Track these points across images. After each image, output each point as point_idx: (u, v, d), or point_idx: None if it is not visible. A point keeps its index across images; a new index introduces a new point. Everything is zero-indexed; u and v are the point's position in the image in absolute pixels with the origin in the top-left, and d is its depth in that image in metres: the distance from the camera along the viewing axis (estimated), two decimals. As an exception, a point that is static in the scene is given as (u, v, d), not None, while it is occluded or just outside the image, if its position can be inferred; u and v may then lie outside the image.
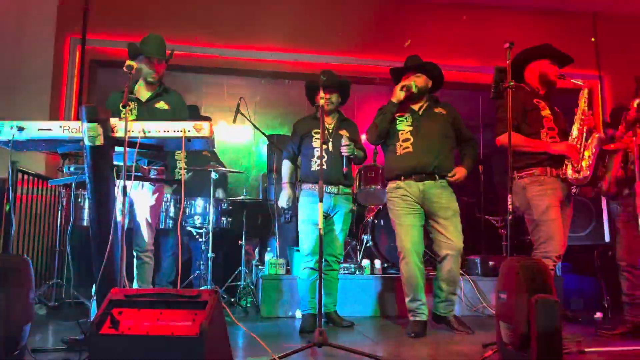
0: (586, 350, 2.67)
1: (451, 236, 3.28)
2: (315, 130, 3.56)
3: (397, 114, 3.43)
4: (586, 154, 3.04)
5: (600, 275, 4.18)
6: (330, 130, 3.61)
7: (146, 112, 3.19)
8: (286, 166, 3.72)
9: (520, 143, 3.05)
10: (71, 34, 5.40)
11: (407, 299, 3.37)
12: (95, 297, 2.93)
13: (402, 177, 3.37)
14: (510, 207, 2.69)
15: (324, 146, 3.48)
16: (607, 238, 4.19)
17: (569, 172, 3.04)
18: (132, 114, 3.12)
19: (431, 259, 3.72)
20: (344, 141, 3.53)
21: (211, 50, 5.80)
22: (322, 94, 3.32)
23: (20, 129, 2.40)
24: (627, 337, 3.17)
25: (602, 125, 5.47)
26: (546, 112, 3.18)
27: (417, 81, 3.40)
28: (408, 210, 3.33)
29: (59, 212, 4.12)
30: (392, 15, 6.05)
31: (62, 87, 5.36)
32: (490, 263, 4.33)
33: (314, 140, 3.57)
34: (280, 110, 7.00)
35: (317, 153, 3.52)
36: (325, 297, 3.53)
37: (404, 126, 3.41)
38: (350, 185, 3.67)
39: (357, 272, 4.20)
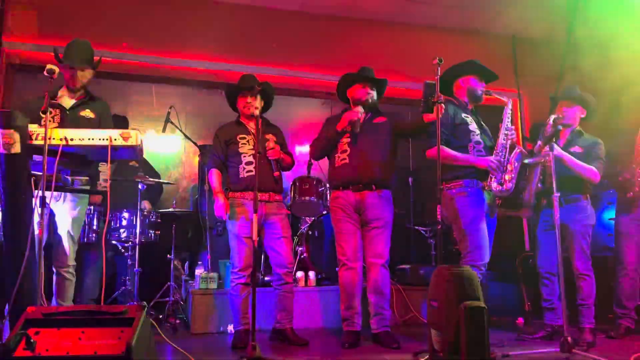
0: (510, 354, 2.79)
1: (377, 246, 3.33)
2: (241, 136, 3.47)
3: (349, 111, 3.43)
4: (509, 167, 3.21)
5: (521, 283, 4.40)
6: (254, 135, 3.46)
7: (70, 120, 3.02)
8: (215, 175, 3.49)
9: (448, 156, 3.17)
10: (-15, 35, 5.05)
11: (342, 307, 3.38)
12: (7, 317, 2.72)
13: (341, 187, 3.41)
14: (439, 217, 2.78)
15: (251, 151, 3.41)
16: (527, 246, 4.43)
17: (494, 184, 3.20)
18: (54, 122, 2.95)
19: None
20: (270, 144, 3.43)
21: (140, 57, 5.59)
22: (248, 99, 3.34)
23: None
24: (546, 340, 3.36)
25: (521, 140, 5.82)
26: (473, 127, 3.33)
27: (360, 110, 3.40)
28: (346, 219, 3.36)
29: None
30: (328, 29, 6.14)
31: (-25, 91, 4.98)
32: (421, 272, 4.45)
33: (240, 145, 3.45)
34: (212, 120, 6.83)
35: (245, 159, 3.42)
36: (280, 313, 3.39)
37: (342, 138, 3.44)
38: (281, 191, 3.57)
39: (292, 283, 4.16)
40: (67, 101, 3.11)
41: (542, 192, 3.51)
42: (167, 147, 6.16)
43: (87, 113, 3.10)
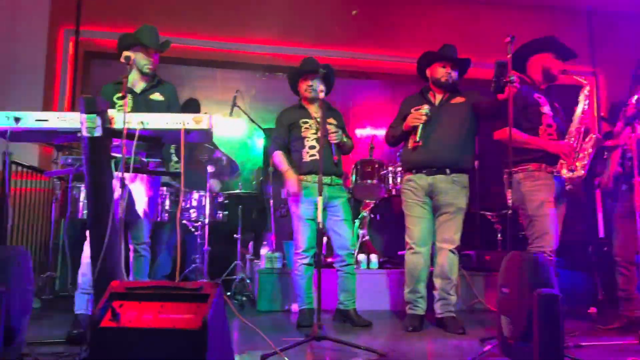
0: (583, 344, 2.68)
1: (447, 231, 3.28)
2: (304, 120, 3.48)
3: (414, 108, 3.35)
4: (581, 154, 3.06)
5: (594, 271, 4.21)
6: (317, 119, 3.48)
7: (142, 103, 3.15)
8: (280, 156, 3.50)
9: (519, 139, 3.05)
10: (65, 25, 5.34)
11: (406, 290, 3.37)
12: (81, 290, 2.90)
13: (414, 171, 3.37)
14: (509, 201, 2.70)
15: (314, 135, 3.43)
16: (601, 234, 4.22)
17: (564, 170, 3.07)
18: (128, 105, 3.08)
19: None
20: (331, 128, 3.42)
21: (205, 43, 5.77)
22: (310, 82, 3.35)
23: (17, 119, 2.36)
24: (623, 332, 3.20)
25: (597, 121, 5.51)
26: (546, 109, 3.19)
27: (424, 113, 3.27)
28: (417, 202, 3.33)
29: (53, 204, 4.08)
30: (388, 9, 6.04)
31: (56, 78, 5.30)
32: (486, 257, 4.35)
33: (303, 130, 3.46)
34: (276, 104, 6.89)
35: (307, 143, 3.44)
36: (343, 293, 3.42)
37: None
38: (341, 175, 3.56)
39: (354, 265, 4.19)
40: (139, 85, 3.22)
41: (622, 176, 3.32)
42: (233, 131, 6.30)
43: (157, 96, 3.21)
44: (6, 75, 5.00)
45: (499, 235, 4.80)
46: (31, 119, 2.38)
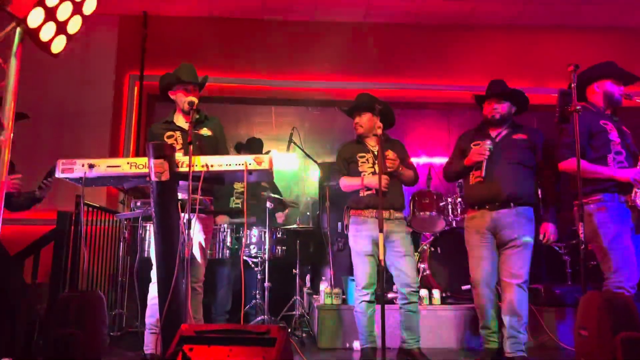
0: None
1: (514, 266, 3.18)
2: (360, 154, 3.47)
3: (474, 143, 3.35)
4: None
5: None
6: (375, 153, 3.46)
7: (194, 139, 3.21)
8: (346, 178, 3.47)
9: (585, 169, 2.93)
10: (130, 71, 5.67)
11: (480, 326, 3.36)
12: (150, 330, 2.98)
13: (476, 207, 3.33)
14: (581, 235, 2.57)
15: (370, 169, 3.41)
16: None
17: (638, 199, 2.90)
18: (177, 143, 3.17)
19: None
20: (388, 155, 3.34)
21: (261, 82, 5.95)
22: (357, 119, 3.39)
23: (91, 166, 2.49)
24: None
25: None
26: (614, 135, 3.05)
27: (486, 149, 3.26)
28: (480, 241, 3.28)
29: (121, 243, 4.24)
30: (439, 39, 6.04)
31: (122, 121, 5.60)
32: (556, 291, 4.13)
33: (360, 164, 3.45)
34: (329, 137, 7.03)
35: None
36: (406, 332, 3.34)
37: None
38: (402, 208, 3.50)
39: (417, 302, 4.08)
40: (184, 122, 3.26)
41: None
42: (288, 165, 6.40)
43: (205, 131, 3.26)
44: (77, 118, 5.33)
45: (569, 267, 4.56)
46: (104, 166, 2.52)
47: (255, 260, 4.45)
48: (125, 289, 4.28)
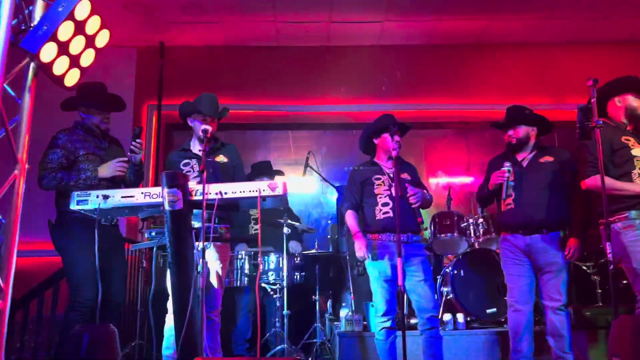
0: None
1: (552, 290, 3.15)
2: (377, 177, 3.41)
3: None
4: None
5: None
6: (391, 175, 3.40)
7: (208, 166, 3.21)
8: (352, 216, 3.43)
9: (610, 186, 2.82)
10: (148, 101, 5.75)
11: (510, 349, 3.28)
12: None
13: (509, 231, 3.32)
14: (609, 256, 2.46)
15: (387, 192, 3.35)
16: None
17: None
18: (193, 171, 3.19)
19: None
20: (410, 190, 3.32)
21: (278, 107, 5.99)
22: (399, 137, 3.35)
23: (105, 197, 2.49)
24: None
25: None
26: (637, 151, 2.95)
27: (505, 171, 3.28)
28: (515, 261, 3.27)
29: (139, 272, 4.23)
30: (454, 58, 6.02)
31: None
32: (585, 313, 3.97)
33: (375, 186, 3.39)
34: (346, 160, 7.02)
35: (381, 200, 3.35)
36: (429, 358, 3.22)
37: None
38: (419, 231, 3.44)
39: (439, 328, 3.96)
40: (200, 150, 3.27)
41: None
42: (306, 189, 6.39)
43: (221, 158, 3.29)
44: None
45: (598, 287, 4.39)
46: (118, 196, 2.51)
47: (274, 287, 4.39)
48: (145, 320, 4.26)
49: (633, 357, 1.85)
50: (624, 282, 3.03)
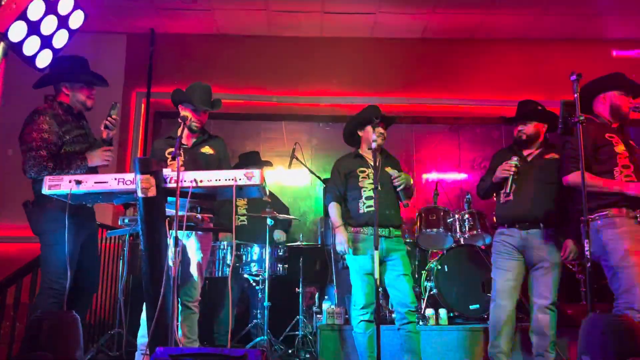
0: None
1: (543, 287, 3.15)
2: (361, 169, 3.38)
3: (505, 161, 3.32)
4: None
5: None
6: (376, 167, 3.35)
7: (192, 157, 3.19)
8: (335, 208, 3.40)
9: (592, 183, 2.80)
10: (137, 88, 5.69)
11: (489, 345, 3.27)
12: (140, 350, 2.90)
13: (506, 225, 3.30)
14: (587, 253, 2.43)
15: (371, 185, 3.29)
16: None
17: None
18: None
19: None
20: (394, 174, 3.34)
21: (269, 98, 5.93)
22: (382, 130, 3.31)
23: (78, 182, 2.45)
24: None
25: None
26: (620, 148, 2.93)
27: (512, 165, 3.24)
28: (507, 256, 3.25)
29: (121, 261, 4.20)
30: (448, 53, 5.96)
31: (129, 138, 5.61)
32: (568, 312, 3.95)
33: (360, 179, 3.37)
34: (337, 153, 6.96)
35: (364, 193, 3.33)
36: (407, 354, 3.21)
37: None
38: (400, 225, 3.42)
39: (421, 323, 3.93)
40: (188, 139, 3.26)
41: None
42: (296, 181, 6.34)
43: (207, 149, 3.25)
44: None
45: (583, 286, 4.37)
46: (91, 182, 2.46)
47: (256, 278, 4.36)
48: (126, 308, 4.22)
49: (602, 357, 1.82)
50: (604, 282, 3.00)
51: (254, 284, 4.43)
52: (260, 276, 4.28)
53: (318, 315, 4.36)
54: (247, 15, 5.55)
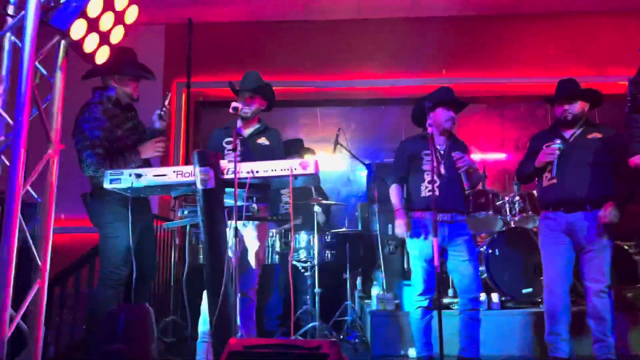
0: None
1: (594, 270, 3.06)
2: (426, 152, 3.23)
3: (546, 145, 3.20)
4: None
5: None
6: (442, 152, 3.28)
7: (249, 147, 3.20)
8: (396, 191, 3.30)
9: None
10: (177, 78, 5.73)
11: (546, 332, 3.18)
12: (202, 339, 2.95)
13: (551, 208, 3.21)
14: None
15: (435, 169, 3.26)
16: None
17: None
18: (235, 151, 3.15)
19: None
20: (457, 155, 3.19)
21: (306, 83, 5.90)
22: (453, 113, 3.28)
23: (138, 176, 2.49)
24: None
25: None
26: (693, 124, 2.78)
27: (556, 149, 3.13)
28: (554, 240, 3.16)
29: (172, 249, 4.27)
30: (489, 30, 5.80)
31: (171, 129, 5.67)
32: (628, 295, 3.83)
33: (424, 162, 3.25)
34: (376, 137, 6.91)
35: (427, 177, 3.20)
36: (466, 340, 3.15)
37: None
38: (465, 211, 3.32)
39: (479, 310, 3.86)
40: (245, 130, 3.27)
41: None
42: (335, 166, 6.32)
43: (263, 140, 3.25)
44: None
45: (640, 267, 4.23)
46: (150, 175, 2.51)
47: (304, 265, 4.38)
48: (179, 296, 4.31)
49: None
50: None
51: (302, 271, 4.45)
52: (309, 263, 4.29)
53: (366, 301, 4.35)
54: (282, 1, 5.50)
